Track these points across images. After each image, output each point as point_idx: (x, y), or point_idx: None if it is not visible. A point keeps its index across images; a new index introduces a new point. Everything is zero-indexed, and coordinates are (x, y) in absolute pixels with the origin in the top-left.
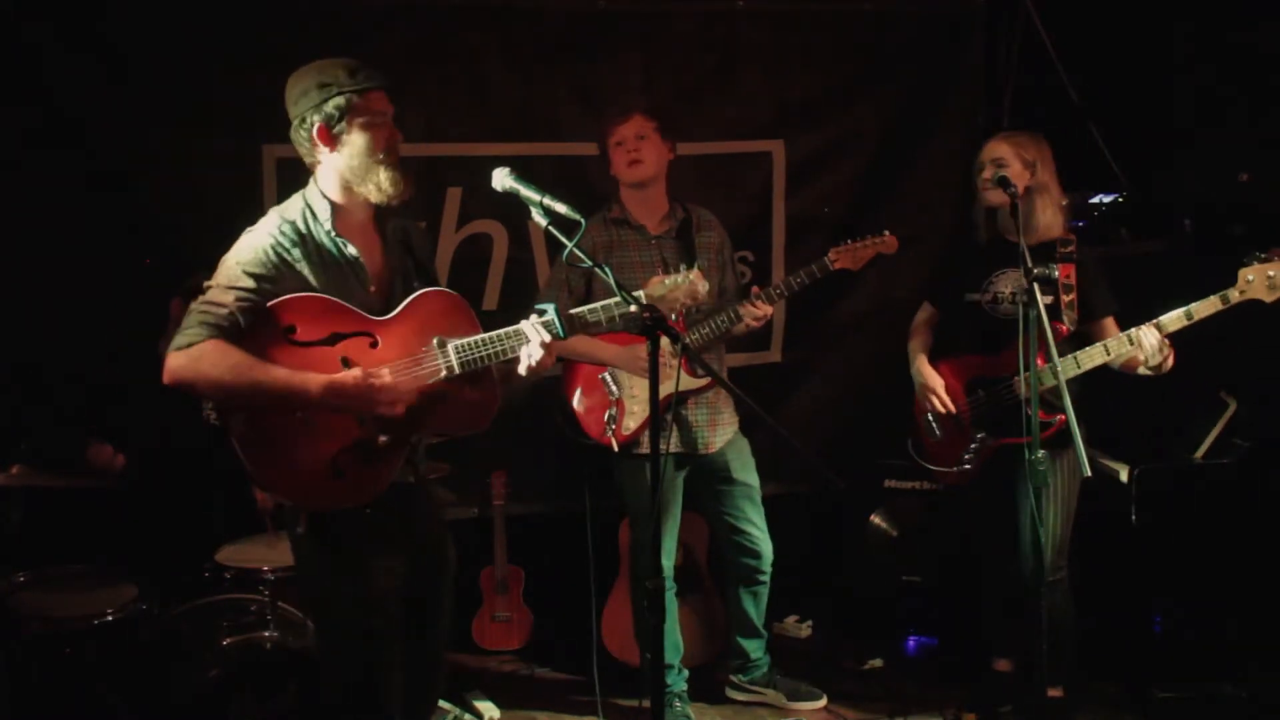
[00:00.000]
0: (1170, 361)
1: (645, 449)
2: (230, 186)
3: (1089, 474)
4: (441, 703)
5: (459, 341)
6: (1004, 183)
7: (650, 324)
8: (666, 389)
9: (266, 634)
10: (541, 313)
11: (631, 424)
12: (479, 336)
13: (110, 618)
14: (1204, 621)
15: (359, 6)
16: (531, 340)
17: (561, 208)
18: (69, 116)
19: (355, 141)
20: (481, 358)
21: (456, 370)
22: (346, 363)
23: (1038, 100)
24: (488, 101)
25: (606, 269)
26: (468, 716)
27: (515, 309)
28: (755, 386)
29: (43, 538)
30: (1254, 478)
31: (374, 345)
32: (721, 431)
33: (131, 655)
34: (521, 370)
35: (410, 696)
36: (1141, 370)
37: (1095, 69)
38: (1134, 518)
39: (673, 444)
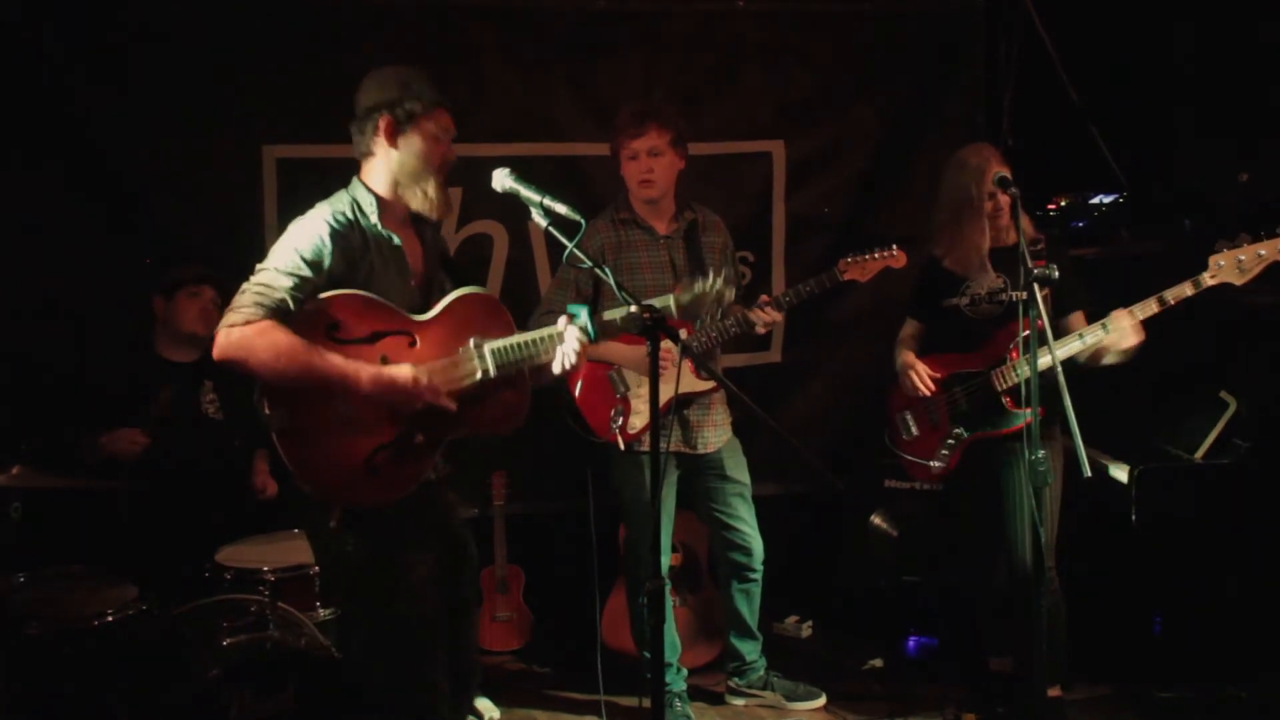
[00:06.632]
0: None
1: (649, 447)
2: (230, 186)
3: (1089, 474)
4: None
5: (496, 344)
6: (1004, 183)
7: (650, 325)
8: (671, 390)
9: (266, 634)
10: (574, 316)
11: (638, 422)
12: (515, 339)
13: (110, 618)
14: (1204, 621)
15: (359, 6)
16: (568, 343)
17: (561, 208)
18: (69, 118)
19: (415, 144)
20: (517, 360)
21: (493, 373)
22: (385, 361)
23: (1038, 100)
24: (488, 101)
25: (606, 270)
26: (468, 716)
27: (515, 310)
28: (755, 387)
29: (43, 538)
30: (1254, 477)
31: (412, 345)
32: (719, 431)
33: (131, 655)
34: (555, 370)
35: (451, 698)
36: (1108, 359)
37: (1095, 69)
38: (1134, 518)
39: (673, 443)
